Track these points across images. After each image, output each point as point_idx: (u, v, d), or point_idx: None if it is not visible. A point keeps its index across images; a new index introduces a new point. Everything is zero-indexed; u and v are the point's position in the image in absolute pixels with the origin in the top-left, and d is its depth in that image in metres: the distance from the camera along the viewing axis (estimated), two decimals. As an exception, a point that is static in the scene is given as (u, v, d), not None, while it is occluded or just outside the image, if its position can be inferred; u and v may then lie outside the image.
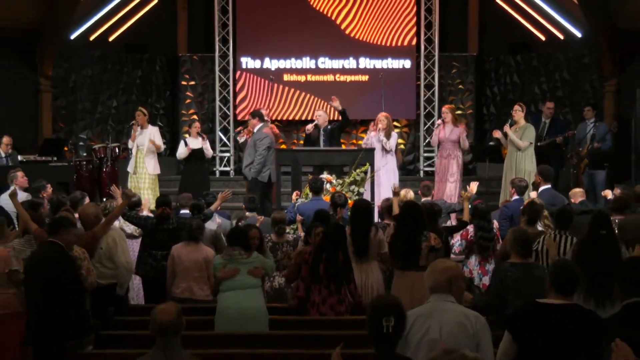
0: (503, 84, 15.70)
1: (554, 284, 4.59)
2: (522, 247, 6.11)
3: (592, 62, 14.75)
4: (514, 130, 11.75)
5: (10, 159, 12.16)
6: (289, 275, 7.66)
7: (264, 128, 11.90)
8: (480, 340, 4.28)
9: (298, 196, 10.44)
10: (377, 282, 7.63)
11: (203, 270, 7.64)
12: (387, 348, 3.89)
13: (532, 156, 11.70)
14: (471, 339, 4.25)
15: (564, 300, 4.53)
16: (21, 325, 6.62)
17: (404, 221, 7.20)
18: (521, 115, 11.90)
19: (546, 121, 13.02)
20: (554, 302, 4.53)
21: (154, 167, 12.47)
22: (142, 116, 12.55)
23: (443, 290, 4.40)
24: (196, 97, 15.73)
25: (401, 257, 7.08)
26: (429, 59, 15.23)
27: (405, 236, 7.08)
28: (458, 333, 4.25)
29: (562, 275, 4.59)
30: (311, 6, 15.24)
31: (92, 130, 15.32)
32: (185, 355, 4.44)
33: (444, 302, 4.37)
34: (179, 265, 7.66)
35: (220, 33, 15.20)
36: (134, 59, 15.59)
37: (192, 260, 7.63)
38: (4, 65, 13.59)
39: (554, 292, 4.57)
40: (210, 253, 7.74)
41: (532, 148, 11.74)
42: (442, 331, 4.24)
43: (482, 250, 8.37)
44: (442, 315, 4.28)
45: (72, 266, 6.39)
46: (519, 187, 9.49)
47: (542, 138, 12.62)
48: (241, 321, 6.66)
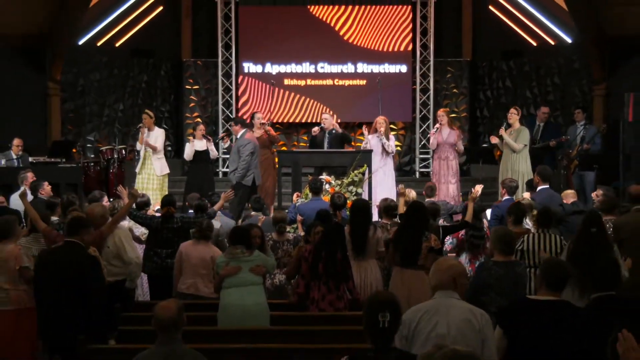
0: (496, 88, 15.71)
1: (545, 281, 4.61)
2: (505, 246, 6.15)
3: (581, 67, 14.76)
4: (509, 133, 11.81)
5: (20, 160, 12.16)
6: (289, 272, 7.69)
7: (246, 134, 11.90)
8: (486, 336, 4.29)
9: (299, 197, 10.47)
10: (376, 279, 7.63)
11: (209, 268, 7.62)
12: (383, 342, 3.90)
13: (527, 158, 11.77)
14: (477, 334, 4.27)
15: (553, 297, 4.56)
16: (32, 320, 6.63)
17: (409, 220, 7.21)
18: (516, 119, 11.97)
19: (540, 125, 13.04)
20: (544, 298, 4.56)
21: (161, 168, 12.42)
22: (149, 118, 12.50)
23: (448, 287, 4.41)
24: (200, 100, 15.73)
25: (402, 254, 7.08)
26: (425, 64, 15.25)
27: (409, 235, 7.09)
28: (465, 329, 4.26)
29: (553, 272, 4.61)
30: (311, 13, 15.26)
31: (100, 132, 15.32)
32: (185, 350, 4.44)
33: (450, 299, 4.37)
34: (186, 262, 7.65)
35: (223, 39, 15.22)
36: (140, 63, 15.60)
37: (200, 258, 7.63)
38: (15, 70, 13.60)
39: (545, 288, 4.60)
40: (218, 252, 7.71)
41: (526, 150, 11.80)
42: (450, 327, 4.25)
43: (472, 248, 8.38)
44: (448, 311, 4.29)
45: (96, 265, 6.40)
46: (509, 188, 9.49)
47: (535, 141, 12.63)
48: (243, 317, 6.66)
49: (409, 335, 4.25)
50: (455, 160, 12.07)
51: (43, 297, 6.29)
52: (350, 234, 7.66)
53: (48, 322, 6.23)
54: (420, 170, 15.31)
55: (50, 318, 6.20)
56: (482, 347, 4.24)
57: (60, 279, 6.15)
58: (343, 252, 7.16)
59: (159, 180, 12.36)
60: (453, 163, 12.00)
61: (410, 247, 7.05)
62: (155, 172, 12.31)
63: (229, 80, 15.32)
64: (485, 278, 6.07)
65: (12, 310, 6.86)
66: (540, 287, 4.64)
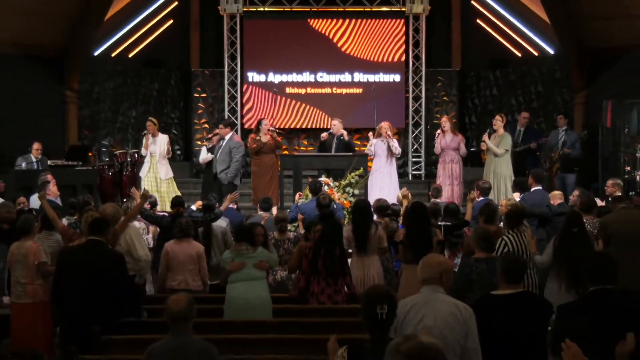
0: (483, 96, 15.67)
1: (504, 276, 4.70)
2: (485, 243, 6.16)
3: (563, 77, 14.75)
4: (492, 139, 11.88)
5: (40, 163, 12.15)
6: (291, 266, 7.67)
7: (235, 137, 11.87)
8: (469, 328, 4.28)
9: (300, 197, 10.44)
10: (378, 274, 7.61)
11: (196, 263, 7.58)
12: (380, 333, 3.87)
13: (509, 162, 11.89)
14: (462, 326, 4.25)
15: (513, 290, 4.64)
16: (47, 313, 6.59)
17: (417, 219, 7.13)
18: (500, 125, 12.04)
19: (521, 129, 13.02)
20: (506, 292, 4.64)
21: (165, 172, 12.41)
22: (153, 126, 12.47)
23: (435, 282, 4.39)
24: (207, 107, 15.70)
25: (414, 252, 6.93)
26: (417, 74, 15.22)
27: (419, 232, 7.00)
28: (451, 322, 4.24)
29: (511, 267, 4.71)
30: (311, 27, 15.23)
31: (114, 137, 15.29)
32: (196, 340, 4.44)
33: (436, 293, 4.35)
34: (174, 260, 7.55)
35: (229, 50, 15.19)
36: (151, 73, 15.57)
37: (186, 255, 7.56)
38: (35, 80, 13.57)
39: (505, 283, 4.69)
40: (201, 248, 7.70)
41: (508, 155, 11.94)
42: (436, 319, 4.23)
43: (451, 245, 8.37)
44: (435, 305, 4.26)
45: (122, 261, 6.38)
46: (482, 189, 9.50)
47: (517, 144, 12.62)
48: (248, 309, 6.64)
49: (397, 326, 4.22)
50: (459, 164, 12.14)
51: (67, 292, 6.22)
52: (354, 232, 7.63)
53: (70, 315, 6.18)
54: (413, 172, 15.28)
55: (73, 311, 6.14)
56: (466, 338, 4.24)
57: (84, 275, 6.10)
58: (341, 249, 7.14)
59: (167, 183, 12.37)
60: (456, 166, 12.07)
61: (422, 243, 6.96)
62: (160, 175, 12.31)
63: (235, 89, 15.29)
64: (467, 274, 6.06)
65: (29, 304, 6.84)
66: (501, 282, 4.72)
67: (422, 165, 15.30)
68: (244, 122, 15.30)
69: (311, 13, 15.22)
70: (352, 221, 7.86)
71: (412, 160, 15.35)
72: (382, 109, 14.35)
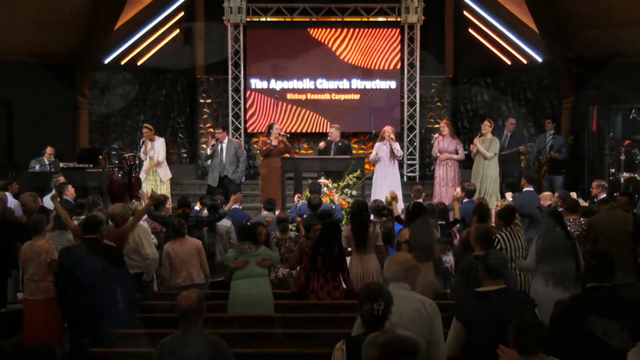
0: (475, 102, 15.66)
1: (487, 273, 4.66)
2: (485, 241, 6.14)
3: (551, 84, 14.73)
4: (481, 142, 11.93)
5: (52, 165, 12.13)
6: (291, 262, 7.67)
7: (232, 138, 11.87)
8: (433, 324, 4.29)
9: (300, 198, 10.42)
10: (376, 270, 7.60)
11: (197, 258, 7.60)
12: (376, 327, 3.86)
13: (496, 165, 12.04)
14: (427, 322, 4.26)
15: (496, 286, 4.60)
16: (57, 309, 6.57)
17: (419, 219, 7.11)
18: (489, 130, 12.12)
19: (508, 134, 13.02)
20: (489, 289, 4.60)
21: (164, 174, 12.60)
22: (149, 131, 12.62)
23: (400, 279, 4.39)
24: (212, 113, 15.69)
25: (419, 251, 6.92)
26: (412, 81, 15.21)
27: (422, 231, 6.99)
28: (416, 318, 4.25)
29: (490, 263, 4.67)
30: (311, 36, 15.22)
31: (123, 141, 15.27)
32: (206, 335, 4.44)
33: (401, 290, 4.34)
34: (176, 259, 7.57)
35: (233, 58, 15.17)
36: (159, 80, 15.56)
37: (187, 252, 7.59)
38: (47, 86, 13.53)
39: (488, 279, 4.65)
40: (199, 243, 7.74)
41: (496, 158, 12.05)
42: (402, 316, 4.20)
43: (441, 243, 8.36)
44: (400, 302, 4.19)
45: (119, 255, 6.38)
46: (468, 191, 9.49)
47: (503, 148, 12.63)
48: (251, 305, 6.63)
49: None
50: (455, 166, 12.17)
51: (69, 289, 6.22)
52: (353, 230, 7.61)
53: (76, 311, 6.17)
54: (408, 175, 15.26)
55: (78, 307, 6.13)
56: (431, 334, 4.23)
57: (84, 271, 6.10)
58: (339, 248, 7.13)
59: (167, 185, 12.51)
60: (452, 169, 12.13)
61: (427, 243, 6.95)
62: (160, 178, 12.45)
63: (238, 95, 15.27)
64: (468, 271, 6.04)
65: (41, 300, 6.82)
66: (484, 279, 4.68)
67: (416, 167, 15.29)
68: (247, 127, 15.29)
69: (311, 23, 15.22)
70: (350, 220, 7.84)
71: (407, 163, 15.34)
72: (378, 114, 14.39)
